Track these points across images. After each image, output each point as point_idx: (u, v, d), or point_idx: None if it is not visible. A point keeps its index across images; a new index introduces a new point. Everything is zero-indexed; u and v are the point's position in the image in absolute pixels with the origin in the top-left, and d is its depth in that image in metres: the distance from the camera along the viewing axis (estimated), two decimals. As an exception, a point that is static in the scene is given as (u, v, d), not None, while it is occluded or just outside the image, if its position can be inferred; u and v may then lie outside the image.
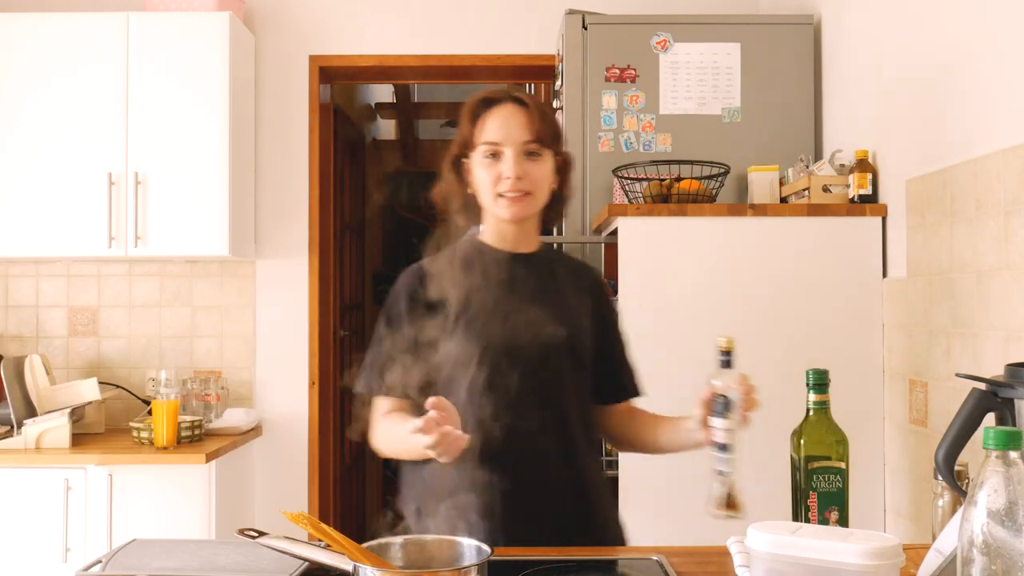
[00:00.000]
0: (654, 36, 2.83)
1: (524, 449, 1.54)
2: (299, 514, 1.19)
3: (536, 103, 1.60)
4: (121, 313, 3.50)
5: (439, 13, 3.54)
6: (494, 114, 1.57)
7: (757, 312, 2.32)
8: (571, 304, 1.63)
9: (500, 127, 1.56)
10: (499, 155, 1.56)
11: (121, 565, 1.28)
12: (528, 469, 1.55)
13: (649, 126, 2.82)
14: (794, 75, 2.82)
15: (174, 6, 3.25)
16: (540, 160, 1.57)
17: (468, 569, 1.10)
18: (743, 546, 1.35)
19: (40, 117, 3.15)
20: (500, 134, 1.55)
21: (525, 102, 1.58)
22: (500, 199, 1.56)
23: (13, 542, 2.83)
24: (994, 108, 1.84)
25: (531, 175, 1.56)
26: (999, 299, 1.78)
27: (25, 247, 3.16)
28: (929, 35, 2.11)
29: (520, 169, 1.55)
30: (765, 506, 1.81)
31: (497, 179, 1.56)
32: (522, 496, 1.52)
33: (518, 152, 1.55)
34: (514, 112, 1.57)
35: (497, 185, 1.56)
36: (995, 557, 0.92)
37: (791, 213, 2.37)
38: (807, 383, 1.39)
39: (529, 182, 1.55)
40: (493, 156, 1.56)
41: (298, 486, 3.48)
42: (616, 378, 1.71)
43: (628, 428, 1.71)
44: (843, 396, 1.77)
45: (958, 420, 1.22)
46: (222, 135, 3.16)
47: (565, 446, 1.58)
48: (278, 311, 3.52)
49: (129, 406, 3.44)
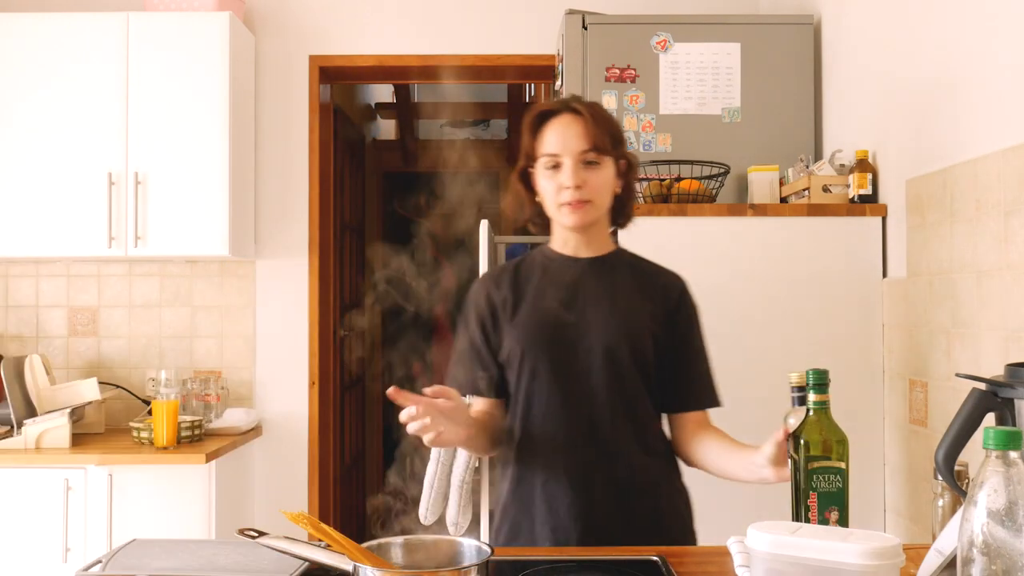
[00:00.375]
0: (654, 36, 2.83)
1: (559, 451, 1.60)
2: (299, 514, 1.19)
3: (593, 111, 1.63)
4: (121, 313, 3.51)
5: (439, 13, 3.54)
6: (552, 126, 1.62)
7: (757, 312, 2.32)
8: (626, 308, 1.63)
9: (558, 138, 1.61)
10: (559, 166, 1.60)
11: (121, 565, 1.28)
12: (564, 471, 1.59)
13: (649, 126, 2.82)
14: (794, 75, 2.82)
15: (174, 6, 3.25)
16: (599, 167, 1.61)
17: (468, 569, 1.10)
18: (743, 546, 1.35)
19: (40, 117, 3.15)
20: (558, 145, 1.61)
21: (581, 111, 1.62)
22: (563, 207, 1.61)
23: (13, 542, 2.83)
24: (994, 108, 1.84)
25: (590, 183, 1.60)
26: (999, 299, 1.78)
27: (25, 247, 3.16)
28: (929, 35, 2.11)
29: (579, 178, 1.59)
30: (765, 506, 1.82)
31: (559, 189, 1.60)
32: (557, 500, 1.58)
33: (576, 162, 1.59)
34: (571, 122, 1.61)
35: (559, 195, 1.61)
36: (995, 557, 0.92)
37: (791, 213, 2.37)
38: (807, 383, 1.39)
39: (589, 190, 1.60)
40: (554, 167, 1.61)
41: (298, 486, 3.48)
42: (678, 387, 1.67)
43: (694, 445, 1.66)
44: (843, 396, 1.77)
45: (958, 420, 1.22)
46: (222, 135, 3.16)
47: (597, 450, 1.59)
48: (278, 311, 3.52)
49: (129, 406, 3.44)
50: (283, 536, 1.26)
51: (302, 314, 3.53)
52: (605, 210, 1.66)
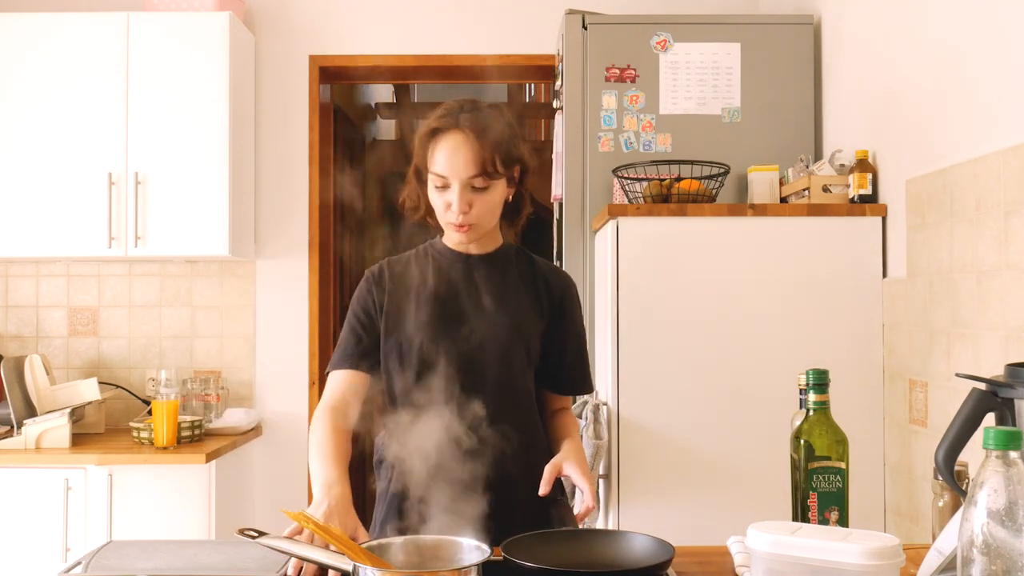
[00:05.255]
0: (654, 36, 2.83)
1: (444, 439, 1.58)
2: (300, 513, 1.19)
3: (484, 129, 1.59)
4: (121, 313, 3.51)
5: (439, 13, 3.54)
6: (442, 144, 1.59)
7: (757, 312, 2.32)
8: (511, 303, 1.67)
9: (447, 161, 1.58)
10: (447, 186, 1.60)
11: (103, 566, 1.27)
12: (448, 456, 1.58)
13: (649, 126, 2.82)
14: (794, 75, 2.82)
15: (174, 6, 3.25)
16: (488, 190, 1.61)
17: (468, 569, 1.10)
18: (743, 546, 1.35)
19: (40, 117, 3.16)
20: (447, 168, 1.58)
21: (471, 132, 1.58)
22: (449, 225, 1.63)
23: (13, 542, 2.83)
24: (994, 108, 1.84)
25: (476, 207, 1.60)
26: (999, 299, 1.78)
27: (25, 247, 3.16)
28: (929, 35, 2.11)
29: (464, 203, 1.59)
30: (765, 506, 1.82)
31: (447, 207, 1.61)
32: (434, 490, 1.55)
33: (464, 186, 1.59)
34: (460, 145, 1.58)
35: (446, 214, 1.62)
36: (995, 557, 0.92)
37: (791, 213, 2.37)
38: (807, 383, 1.39)
39: (474, 215, 1.61)
40: (443, 187, 1.60)
41: (298, 486, 3.48)
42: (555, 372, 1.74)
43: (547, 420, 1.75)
44: (843, 396, 1.77)
45: (958, 420, 1.22)
46: (222, 135, 3.16)
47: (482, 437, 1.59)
48: (278, 311, 3.52)
49: (129, 406, 3.44)
50: (283, 536, 1.26)
51: (302, 314, 3.53)
52: (493, 224, 1.68)
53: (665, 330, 2.32)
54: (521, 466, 1.62)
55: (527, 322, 1.67)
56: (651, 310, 2.32)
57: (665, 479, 2.30)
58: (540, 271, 1.74)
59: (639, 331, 2.32)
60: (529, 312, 1.68)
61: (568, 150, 2.81)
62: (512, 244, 1.77)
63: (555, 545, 1.31)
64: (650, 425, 2.31)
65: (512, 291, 1.69)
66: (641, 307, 2.31)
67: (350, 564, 1.13)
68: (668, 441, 2.30)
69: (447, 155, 1.58)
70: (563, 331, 1.73)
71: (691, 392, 2.32)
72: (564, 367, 1.74)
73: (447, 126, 1.60)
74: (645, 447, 2.29)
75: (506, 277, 1.70)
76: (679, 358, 2.31)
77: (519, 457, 1.62)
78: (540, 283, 1.72)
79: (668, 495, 2.29)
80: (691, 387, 2.32)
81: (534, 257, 1.78)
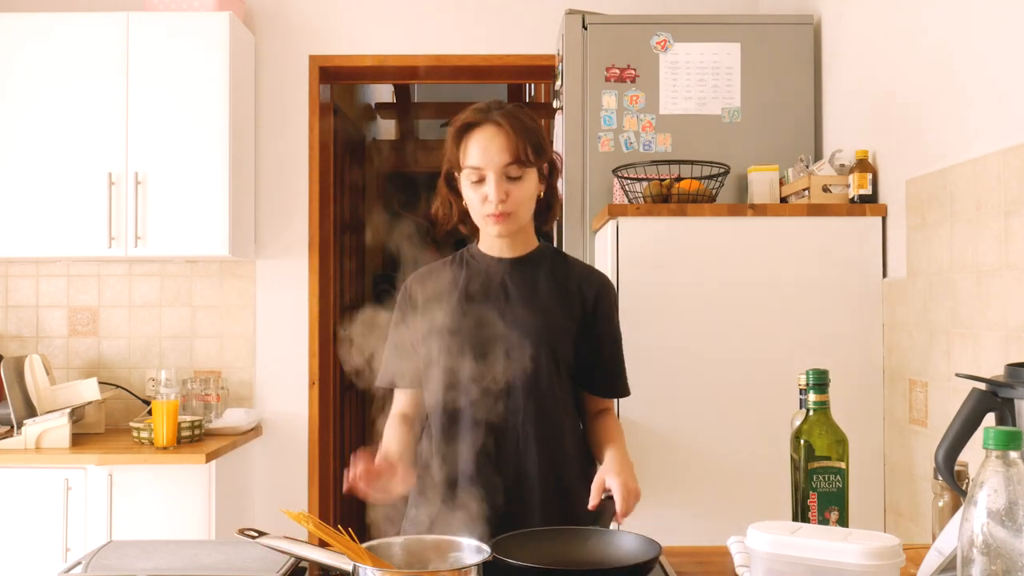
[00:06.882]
0: (654, 36, 2.83)
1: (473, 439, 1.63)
2: (300, 513, 1.19)
3: (515, 122, 1.64)
4: (121, 313, 3.51)
5: (439, 13, 3.54)
6: (475, 138, 1.65)
7: (757, 312, 2.32)
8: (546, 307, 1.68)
9: (481, 152, 1.63)
10: (483, 179, 1.64)
11: (103, 566, 1.27)
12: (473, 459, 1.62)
13: (649, 126, 2.82)
14: (794, 75, 2.82)
15: (174, 6, 3.25)
16: (521, 180, 1.64)
17: (468, 569, 1.10)
18: (743, 546, 1.35)
19: (40, 117, 3.16)
20: (482, 159, 1.63)
21: (502, 123, 1.63)
22: (487, 218, 1.66)
23: (13, 542, 2.83)
24: (994, 108, 1.84)
25: (513, 196, 1.64)
26: (999, 299, 1.78)
27: (25, 247, 3.16)
28: (929, 35, 2.11)
29: (502, 192, 1.63)
30: (765, 506, 1.82)
31: (483, 201, 1.64)
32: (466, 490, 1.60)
33: (499, 176, 1.62)
34: (494, 135, 1.63)
35: (483, 207, 1.65)
36: (995, 557, 0.92)
37: (791, 213, 2.37)
38: (807, 383, 1.39)
39: (511, 203, 1.64)
40: (478, 180, 1.64)
41: (298, 486, 3.48)
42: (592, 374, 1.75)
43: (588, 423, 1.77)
44: (843, 396, 1.77)
45: (958, 420, 1.22)
46: (222, 135, 3.16)
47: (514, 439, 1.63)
48: (278, 311, 3.52)
49: (129, 406, 3.44)
50: (283, 536, 1.26)
51: (302, 314, 3.53)
52: (528, 218, 1.71)
53: (665, 330, 2.32)
54: (546, 467, 1.63)
55: (557, 325, 1.67)
56: (651, 310, 2.32)
57: (665, 479, 2.30)
58: (574, 272, 1.75)
59: (639, 331, 2.31)
60: (560, 315, 1.69)
61: (568, 150, 2.81)
62: (548, 245, 1.79)
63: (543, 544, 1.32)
64: (650, 425, 2.31)
65: (544, 294, 1.70)
66: (641, 307, 2.31)
67: (350, 564, 1.13)
68: (668, 441, 2.30)
69: (482, 146, 1.63)
70: (597, 333, 1.73)
71: (691, 392, 2.32)
72: (598, 369, 1.75)
73: (480, 120, 1.65)
74: (645, 447, 2.29)
75: (538, 280, 1.71)
76: (679, 358, 2.31)
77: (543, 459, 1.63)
78: (573, 285, 1.73)
79: (668, 495, 2.29)
80: (691, 387, 2.32)
81: (569, 258, 1.79)
